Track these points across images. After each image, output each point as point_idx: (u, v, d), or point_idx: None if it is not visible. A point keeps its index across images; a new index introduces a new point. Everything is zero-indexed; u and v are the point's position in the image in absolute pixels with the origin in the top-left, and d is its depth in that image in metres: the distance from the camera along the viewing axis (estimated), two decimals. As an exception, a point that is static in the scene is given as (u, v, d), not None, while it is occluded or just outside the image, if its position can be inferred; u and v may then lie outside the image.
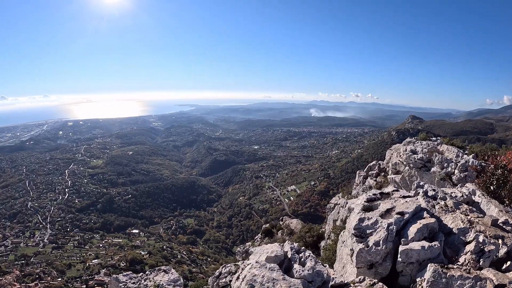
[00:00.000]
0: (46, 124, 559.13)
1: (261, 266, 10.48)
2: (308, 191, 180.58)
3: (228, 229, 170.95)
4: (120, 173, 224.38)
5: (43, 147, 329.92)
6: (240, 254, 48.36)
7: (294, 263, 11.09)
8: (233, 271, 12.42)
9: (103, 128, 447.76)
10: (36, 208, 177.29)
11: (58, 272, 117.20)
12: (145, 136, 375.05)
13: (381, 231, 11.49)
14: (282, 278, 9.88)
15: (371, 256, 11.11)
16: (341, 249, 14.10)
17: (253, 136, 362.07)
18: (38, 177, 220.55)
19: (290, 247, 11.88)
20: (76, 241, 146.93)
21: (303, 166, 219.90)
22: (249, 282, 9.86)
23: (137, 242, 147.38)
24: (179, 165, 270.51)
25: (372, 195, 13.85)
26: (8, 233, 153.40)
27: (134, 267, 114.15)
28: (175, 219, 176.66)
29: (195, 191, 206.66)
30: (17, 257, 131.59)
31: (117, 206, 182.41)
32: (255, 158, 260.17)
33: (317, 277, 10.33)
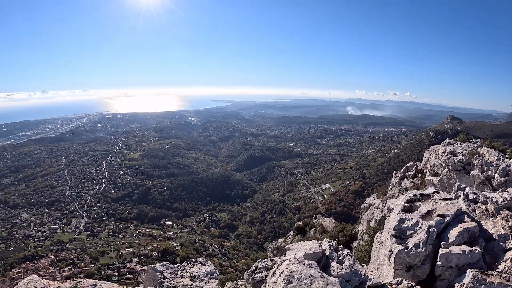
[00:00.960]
0: (85, 117, 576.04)
1: (299, 263, 10.39)
2: (342, 190, 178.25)
3: (260, 225, 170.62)
4: (156, 165, 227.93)
5: (82, 139, 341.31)
6: (272, 250, 48.15)
7: (332, 261, 11.05)
8: (269, 266, 12.35)
9: (140, 122, 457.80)
10: (74, 197, 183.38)
11: (91, 259, 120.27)
12: (181, 130, 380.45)
13: (422, 233, 11.07)
14: (320, 275, 9.81)
15: (410, 258, 10.73)
16: (377, 249, 13.88)
17: (289, 133, 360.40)
18: (77, 168, 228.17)
19: (328, 245, 11.82)
20: (111, 230, 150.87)
21: (338, 165, 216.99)
22: (286, 278, 9.82)
23: (170, 234, 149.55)
24: (214, 160, 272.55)
25: (412, 196, 13.41)
26: (45, 220, 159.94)
27: (166, 257, 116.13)
28: (209, 213, 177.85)
29: (230, 185, 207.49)
30: (53, 243, 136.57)
31: (152, 197, 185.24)
32: (290, 155, 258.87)
33: (355, 277, 10.20)
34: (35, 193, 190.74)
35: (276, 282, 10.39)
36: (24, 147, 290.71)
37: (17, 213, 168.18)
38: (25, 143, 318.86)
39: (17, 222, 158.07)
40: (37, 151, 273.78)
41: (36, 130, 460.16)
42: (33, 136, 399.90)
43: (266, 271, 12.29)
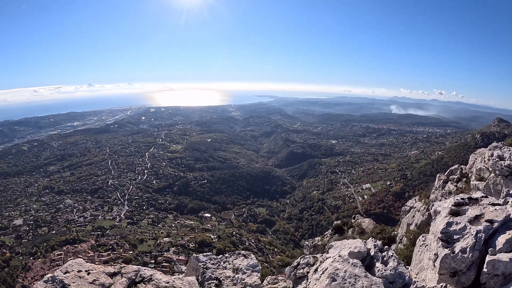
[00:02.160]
0: (130, 109, 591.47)
1: (344, 261, 10.42)
2: (383, 190, 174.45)
3: (298, 222, 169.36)
4: (198, 158, 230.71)
5: (126, 130, 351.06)
6: (308, 248, 47.76)
7: (377, 261, 10.92)
8: (311, 263, 12.36)
9: (183, 115, 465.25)
10: (116, 186, 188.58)
11: (130, 246, 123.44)
12: (224, 124, 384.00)
13: (469, 238, 10.52)
14: (364, 275, 9.86)
15: (456, 263, 10.22)
16: (418, 253, 13.54)
17: (331, 130, 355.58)
18: (120, 158, 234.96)
19: (374, 245, 11.70)
20: (150, 219, 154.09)
21: (380, 165, 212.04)
22: (331, 276, 9.86)
23: (208, 226, 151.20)
24: (255, 155, 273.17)
25: (460, 199, 12.80)
26: (88, 206, 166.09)
27: (202, 249, 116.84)
28: (247, 207, 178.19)
29: (270, 181, 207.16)
30: (94, 228, 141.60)
31: (192, 189, 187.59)
32: (332, 152, 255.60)
33: (399, 279, 9.96)
34: (79, 180, 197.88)
35: (318, 279, 10.45)
36: (70, 137, 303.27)
37: (61, 198, 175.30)
38: (71, 133, 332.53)
39: (60, 207, 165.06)
40: (83, 141, 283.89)
41: (82, 121, 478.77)
42: (79, 127, 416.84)
43: (308, 267, 12.32)
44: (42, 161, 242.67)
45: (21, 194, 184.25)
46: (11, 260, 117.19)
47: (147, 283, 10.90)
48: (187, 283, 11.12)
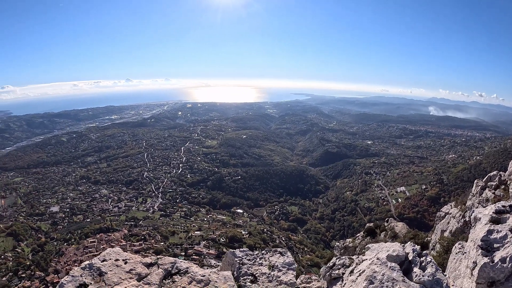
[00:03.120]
0: (166, 104, 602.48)
1: (382, 264, 10.40)
2: (417, 194, 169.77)
3: (330, 222, 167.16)
4: (233, 154, 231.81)
5: (162, 125, 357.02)
6: (339, 249, 47.45)
7: (415, 266, 10.73)
8: (347, 264, 12.24)
9: (219, 111, 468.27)
10: (151, 178, 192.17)
11: (162, 237, 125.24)
12: (259, 121, 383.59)
13: (510, 247, 10.28)
14: (402, 279, 9.78)
15: (494, 273, 9.99)
16: (454, 260, 13.57)
17: (367, 131, 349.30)
18: (156, 151, 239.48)
19: (412, 249, 11.49)
20: (183, 212, 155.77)
21: (416, 168, 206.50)
22: (368, 278, 9.86)
23: (239, 222, 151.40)
24: (290, 153, 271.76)
25: (501, 207, 12.54)
26: (123, 197, 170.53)
27: (233, 244, 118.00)
28: (280, 205, 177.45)
29: (303, 180, 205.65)
30: (127, 218, 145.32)
31: (226, 185, 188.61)
32: (367, 153, 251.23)
33: (436, 285, 10.00)
34: (115, 172, 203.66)
35: (355, 281, 10.44)
36: (108, 130, 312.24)
37: (97, 188, 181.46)
38: (109, 126, 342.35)
39: (96, 196, 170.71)
40: (120, 134, 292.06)
41: (120, 115, 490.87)
42: (116, 120, 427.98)
43: (344, 268, 12.21)
44: (80, 152, 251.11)
45: (59, 182, 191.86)
46: (46, 245, 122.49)
47: (183, 275, 11.13)
48: (223, 278, 11.30)
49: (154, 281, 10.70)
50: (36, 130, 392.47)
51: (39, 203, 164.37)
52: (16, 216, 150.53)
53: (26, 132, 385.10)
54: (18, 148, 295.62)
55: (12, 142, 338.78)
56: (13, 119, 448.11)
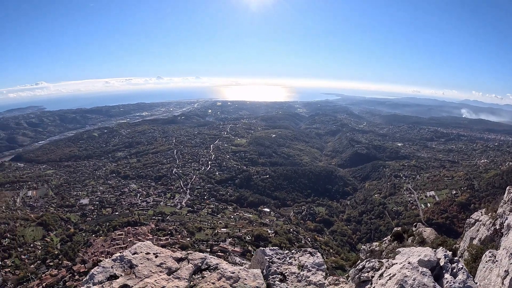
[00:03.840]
0: (197, 102, 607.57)
1: (413, 268, 10.45)
2: (447, 200, 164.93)
3: (357, 224, 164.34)
4: (261, 153, 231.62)
5: (192, 122, 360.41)
6: (364, 253, 47.19)
7: (446, 272, 10.81)
8: (376, 268, 12.44)
9: (249, 110, 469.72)
10: (180, 175, 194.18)
11: (188, 233, 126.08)
12: (289, 121, 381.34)
13: None
14: (433, 285, 9.81)
15: None
16: (484, 269, 13.42)
17: (397, 133, 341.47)
18: (185, 148, 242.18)
19: (444, 255, 11.60)
20: (210, 209, 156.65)
21: (446, 172, 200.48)
22: (399, 282, 9.94)
23: (266, 220, 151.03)
24: (319, 153, 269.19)
25: None
26: (151, 192, 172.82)
27: (258, 242, 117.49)
28: (307, 205, 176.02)
29: (332, 181, 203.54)
30: (155, 213, 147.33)
31: (254, 183, 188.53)
32: (397, 155, 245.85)
33: None
34: (145, 167, 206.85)
35: (384, 285, 10.52)
36: (139, 126, 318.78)
37: (127, 183, 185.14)
38: (140, 123, 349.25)
39: (125, 191, 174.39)
40: (150, 130, 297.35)
41: (151, 112, 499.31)
42: (147, 117, 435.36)
43: (373, 272, 12.33)
44: (111, 147, 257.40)
45: (89, 176, 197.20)
46: (74, 236, 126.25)
47: (213, 271, 11.29)
48: (252, 275, 11.41)
49: (184, 275, 10.97)
50: (68, 125, 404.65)
51: (70, 195, 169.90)
52: (47, 207, 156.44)
53: (59, 126, 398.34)
54: (51, 142, 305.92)
55: (45, 136, 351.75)
56: (46, 114, 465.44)
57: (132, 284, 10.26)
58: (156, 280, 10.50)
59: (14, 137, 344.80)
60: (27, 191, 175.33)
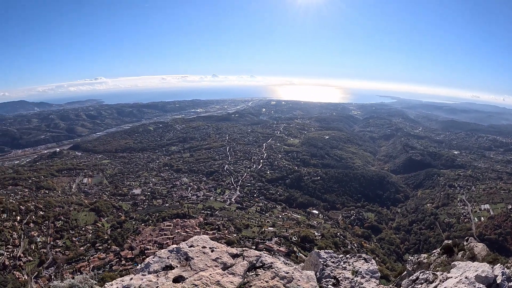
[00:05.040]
0: (251, 101, 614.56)
1: (469, 284, 10.23)
2: (502, 215, 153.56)
3: (406, 234, 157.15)
4: (314, 154, 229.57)
5: (246, 120, 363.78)
6: (412, 264, 45.07)
7: None
8: (430, 280, 12.20)
9: (303, 110, 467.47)
10: (231, 171, 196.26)
11: (235, 229, 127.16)
12: (343, 123, 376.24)
13: None
14: None
15: None
16: None
17: (454, 140, 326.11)
18: (238, 146, 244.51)
19: (502, 272, 11.20)
20: (259, 207, 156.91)
21: (504, 185, 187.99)
22: None
23: (313, 222, 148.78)
24: (372, 157, 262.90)
25: None
26: (202, 186, 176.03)
27: (304, 244, 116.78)
28: (356, 210, 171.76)
29: (383, 186, 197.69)
30: (204, 207, 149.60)
31: (304, 184, 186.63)
32: (452, 164, 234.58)
33: None
34: (197, 162, 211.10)
35: None
36: (193, 122, 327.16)
37: (179, 176, 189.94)
38: (194, 119, 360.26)
39: (176, 184, 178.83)
40: (204, 126, 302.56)
41: (205, 109, 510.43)
42: (202, 113, 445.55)
43: (427, 284, 12.11)
44: (165, 141, 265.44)
45: (143, 168, 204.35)
46: (125, 223, 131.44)
47: (267, 269, 11.13)
48: (306, 277, 11.08)
49: (239, 272, 10.99)
50: (125, 119, 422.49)
51: (123, 184, 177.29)
52: (100, 194, 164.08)
53: (116, 119, 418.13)
54: (108, 133, 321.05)
55: (103, 128, 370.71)
56: (104, 107, 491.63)
57: (187, 276, 10.55)
58: (211, 274, 10.71)
59: (73, 127, 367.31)
60: (83, 178, 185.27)
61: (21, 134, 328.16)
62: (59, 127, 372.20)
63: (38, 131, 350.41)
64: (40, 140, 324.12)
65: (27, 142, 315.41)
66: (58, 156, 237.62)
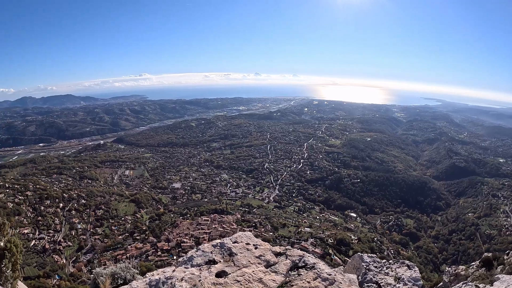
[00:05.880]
0: (293, 100, 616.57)
1: None
2: None
3: (444, 243, 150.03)
4: (355, 156, 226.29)
5: (288, 119, 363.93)
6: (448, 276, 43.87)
7: None
8: None
9: (345, 111, 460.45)
10: (271, 170, 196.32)
11: (272, 227, 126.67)
12: (385, 125, 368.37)
13: None
14: None
15: None
16: None
17: (500, 147, 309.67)
18: (279, 144, 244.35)
19: None
20: (297, 207, 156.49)
21: None
22: None
23: (351, 226, 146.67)
24: (414, 162, 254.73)
25: None
26: (241, 183, 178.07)
27: (340, 247, 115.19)
28: (395, 216, 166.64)
29: (424, 192, 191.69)
30: (242, 204, 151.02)
31: (344, 186, 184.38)
32: (497, 173, 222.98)
33: None
34: (238, 159, 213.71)
35: None
36: (235, 119, 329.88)
37: (219, 172, 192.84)
38: (236, 116, 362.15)
39: (216, 180, 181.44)
40: (246, 124, 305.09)
41: (247, 106, 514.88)
42: (244, 111, 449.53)
43: None
44: (207, 138, 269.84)
45: (184, 162, 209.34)
46: (163, 216, 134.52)
47: (309, 270, 11.05)
48: (348, 280, 10.97)
49: (281, 270, 10.88)
50: (168, 114, 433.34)
51: (163, 178, 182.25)
52: (141, 187, 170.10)
53: (159, 115, 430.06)
54: (151, 128, 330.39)
55: (146, 123, 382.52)
56: (148, 103, 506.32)
57: (230, 271, 10.56)
58: (253, 271, 10.69)
59: (117, 121, 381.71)
60: (124, 170, 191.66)
61: (67, 126, 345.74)
62: (104, 120, 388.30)
63: (84, 123, 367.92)
64: (85, 132, 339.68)
65: (73, 134, 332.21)
66: (102, 148, 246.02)
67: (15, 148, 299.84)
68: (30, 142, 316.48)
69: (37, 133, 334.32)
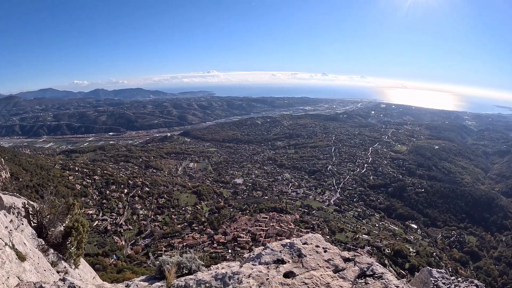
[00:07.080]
0: (360, 102, 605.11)
1: None
2: None
3: (506, 266, 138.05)
4: (421, 164, 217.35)
5: (354, 122, 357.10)
6: None
7: None
8: None
9: (413, 116, 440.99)
10: (334, 172, 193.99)
11: (329, 231, 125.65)
12: (455, 133, 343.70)
13: None
14: None
15: None
16: None
17: None
18: (343, 147, 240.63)
19: None
20: (357, 213, 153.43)
21: None
22: None
23: (410, 237, 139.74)
24: (483, 175, 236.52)
25: None
26: (303, 184, 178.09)
27: (396, 259, 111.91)
28: (458, 231, 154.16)
29: (490, 209, 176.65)
30: (302, 205, 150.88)
31: (407, 195, 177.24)
32: None
33: None
34: (301, 159, 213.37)
35: None
36: (301, 119, 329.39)
37: (281, 171, 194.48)
38: (302, 116, 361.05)
39: (278, 178, 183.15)
40: (311, 125, 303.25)
41: (314, 107, 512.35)
42: (310, 111, 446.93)
43: None
44: (272, 136, 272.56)
45: (247, 159, 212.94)
46: (223, 209, 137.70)
47: (377, 279, 10.75)
48: None
49: (350, 277, 10.63)
50: (234, 111, 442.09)
51: (226, 173, 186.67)
52: (203, 179, 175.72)
53: (225, 111, 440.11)
54: (217, 124, 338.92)
55: (212, 118, 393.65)
56: (215, 99, 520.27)
57: (298, 272, 10.41)
58: (321, 274, 10.44)
59: (184, 115, 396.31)
60: (189, 163, 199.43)
61: (136, 118, 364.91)
62: (172, 114, 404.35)
63: (152, 116, 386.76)
64: (153, 124, 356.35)
65: (141, 125, 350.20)
66: (168, 140, 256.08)
67: (86, 136, 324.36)
68: (101, 130, 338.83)
69: (107, 122, 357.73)
